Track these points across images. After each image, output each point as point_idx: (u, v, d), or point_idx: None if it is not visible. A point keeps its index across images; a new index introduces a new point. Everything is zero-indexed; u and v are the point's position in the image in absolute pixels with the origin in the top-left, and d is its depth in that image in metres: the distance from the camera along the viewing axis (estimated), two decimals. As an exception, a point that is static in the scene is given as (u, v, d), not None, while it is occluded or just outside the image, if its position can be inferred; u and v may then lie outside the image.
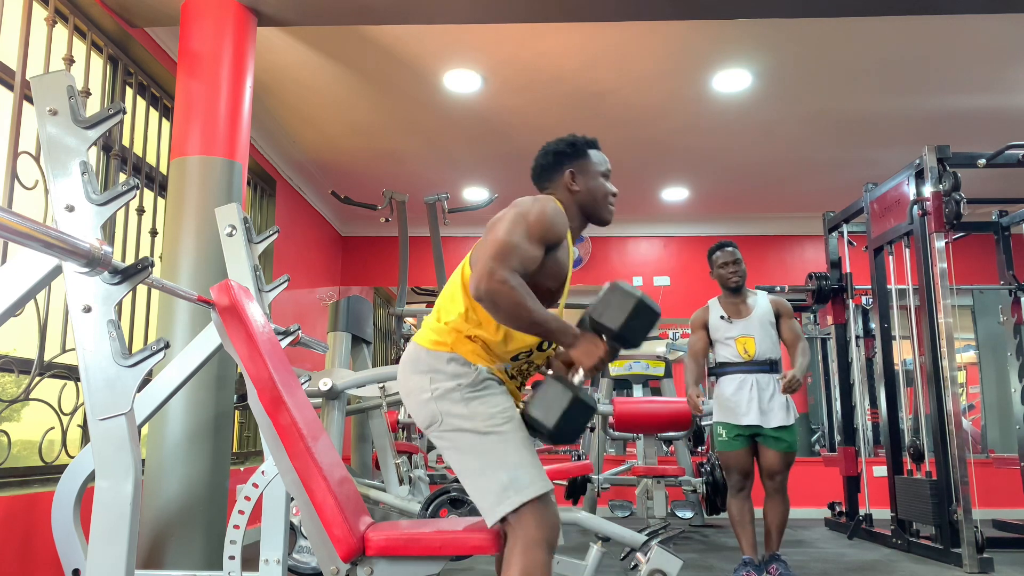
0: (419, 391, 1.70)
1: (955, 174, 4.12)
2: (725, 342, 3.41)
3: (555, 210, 1.74)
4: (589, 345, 1.69)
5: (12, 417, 2.88)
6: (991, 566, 3.76)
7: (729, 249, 3.46)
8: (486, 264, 1.61)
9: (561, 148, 1.87)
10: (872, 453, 5.64)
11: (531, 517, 1.59)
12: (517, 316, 1.62)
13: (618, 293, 1.69)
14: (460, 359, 1.69)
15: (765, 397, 3.30)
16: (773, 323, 3.40)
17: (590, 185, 1.86)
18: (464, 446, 1.65)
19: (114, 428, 1.53)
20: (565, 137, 1.89)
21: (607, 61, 4.07)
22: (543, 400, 1.67)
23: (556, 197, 1.84)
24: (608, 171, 1.91)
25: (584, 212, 1.88)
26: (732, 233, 6.90)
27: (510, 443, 1.65)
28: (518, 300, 1.60)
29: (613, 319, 1.67)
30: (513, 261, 1.62)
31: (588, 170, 1.86)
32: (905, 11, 3.46)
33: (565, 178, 1.85)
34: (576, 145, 1.87)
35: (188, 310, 2.97)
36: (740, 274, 3.42)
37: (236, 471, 4.29)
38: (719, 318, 3.45)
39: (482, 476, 1.62)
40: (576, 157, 1.86)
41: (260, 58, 3.95)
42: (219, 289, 1.73)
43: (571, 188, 1.85)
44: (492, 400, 1.68)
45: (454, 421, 1.65)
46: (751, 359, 3.34)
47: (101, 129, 1.65)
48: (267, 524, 2.49)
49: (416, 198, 4.98)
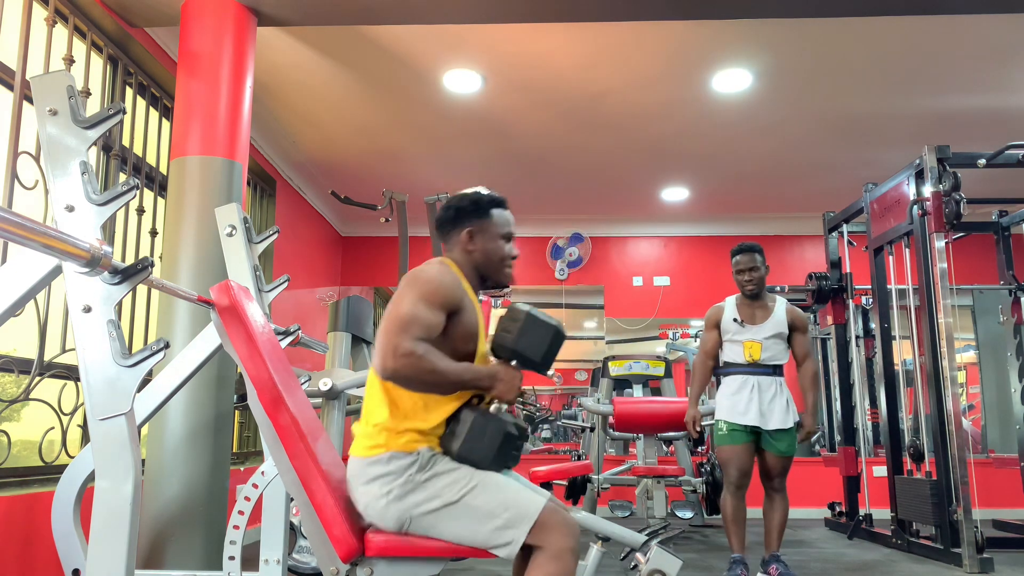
0: (375, 500, 1.64)
1: (955, 174, 4.12)
2: (733, 342, 3.42)
3: (443, 272, 1.72)
4: (508, 380, 1.70)
5: (12, 417, 2.88)
6: (991, 566, 3.76)
7: (748, 255, 3.42)
8: (388, 342, 1.60)
9: (464, 205, 1.84)
10: (872, 453, 5.64)
11: (548, 530, 1.59)
12: (433, 383, 1.63)
13: (536, 323, 1.72)
14: (399, 454, 1.65)
15: (766, 399, 3.31)
16: (785, 334, 3.40)
17: (487, 247, 1.84)
18: (448, 520, 1.62)
19: (114, 428, 1.53)
20: (471, 193, 1.87)
21: (607, 61, 4.06)
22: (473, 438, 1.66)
23: (452, 256, 1.84)
24: (510, 233, 1.88)
25: (479, 273, 1.86)
26: (732, 233, 6.90)
27: (488, 490, 1.63)
28: (428, 367, 1.60)
29: (536, 350, 1.71)
30: (415, 330, 1.61)
31: (487, 231, 1.84)
32: (905, 11, 3.46)
33: (463, 237, 1.83)
34: (480, 204, 1.85)
35: (188, 310, 2.97)
36: (756, 281, 3.40)
37: (236, 471, 4.29)
38: (732, 320, 3.45)
39: (481, 531, 1.61)
40: (477, 216, 1.84)
41: (260, 58, 3.94)
42: (219, 289, 1.73)
43: (467, 248, 1.83)
44: (447, 470, 1.66)
45: (423, 508, 1.62)
46: (755, 363, 3.36)
47: (101, 129, 1.65)
48: (267, 524, 2.49)
49: (416, 198, 4.98)
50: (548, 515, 1.60)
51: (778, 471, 3.32)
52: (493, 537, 1.60)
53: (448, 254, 1.86)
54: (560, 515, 1.62)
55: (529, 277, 6.97)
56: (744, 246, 3.46)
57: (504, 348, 1.74)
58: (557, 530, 1.59)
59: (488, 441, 1.65)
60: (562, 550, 1.59)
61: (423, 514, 1.62)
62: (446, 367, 1.63)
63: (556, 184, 6.04)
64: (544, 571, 1.57)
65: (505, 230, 1.87)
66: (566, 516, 1.64)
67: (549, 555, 1.58)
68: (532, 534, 1.59)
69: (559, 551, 1.58)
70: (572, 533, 1.61)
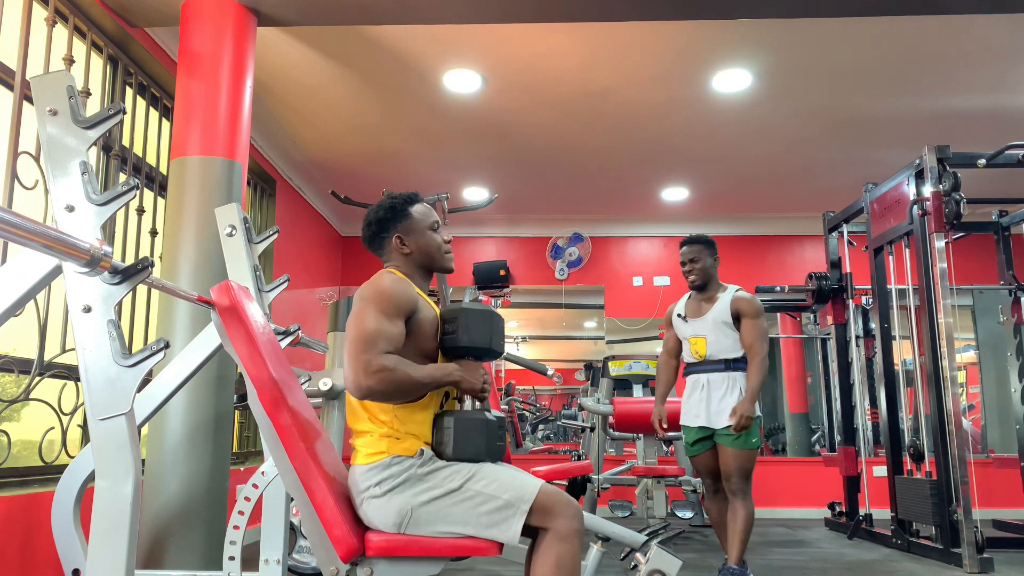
0: (375, 499, 1.66)
1: (955, 174, 4.12)
2: (684, 342, 3.33)
3: (392, 280, 1.75)
4: (472, 374, 1.75)
5: (12, 417, 2.88)
6: (991, 566, 3.76)
7: (690, 247, 3.31)
8: (358, 361, 1.61)
9: (381, 215, 1.88)
10: (872, 453, 5.64)
11: (553, 513, 1.63)
12: (409, 391, 1.67)
13: (471, 315, 1.77)
14: (400, 457, 1.68)
15: (716, 397, 3.16)
16: (730, 323, 3.19)
17: (420, 243, 1.88)
18: (450, 507, 1.64)
19: (114, 428, 1.53)
20: (383, 201, 1.90)
21: (607, 61, 4.07)
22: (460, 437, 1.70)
23: (393, 264, 1.88)
24: (436, 222, 1.91)
25: (423, 269, 1.90)
26: (732, 233, 6.90)
27: (488, 475, 1.68)
28: (402, 378, 1.63)
29: (481, 338, 1.77)
30: (381, 345, 1.64)
31: (415, 228, 1.88)
32: (905, 11, 3.46)
33: (394, 243, 1.87)
34: (395, 208, 1.88)
35: (188, 310, 2.97)
36: (698, 272, 3.26)
37: (236, 471, 4.29)
38: (677, 315, 3.37)
39: (484, 515, 1.63)
40: (398, 219, 1.88)
41: (260, 58, 3.95)
42: (219, 289, 1.73)
43: (402, 251, 1.87)
44: (447, 464, 1.69)
45: (424, 497, 1.64)
46: (703, 360, 3.23)
47: (101, 129, 1.64)
48: (267, 524, 2.49)
49: (416, 198, 4.99)
50: (550, 497, 1.65)
51: (734, 469, 3.09)
52: (496, 519, 1.62)
53: (389, 264, 1.90)
54: (563, 496, 1.67)
55: (529, 277, 6.98)
56: (688, 238, 3.34)
57: (455, 348, 1.79)
58: (562, 513, 1.64)
59: (475, 435, 1.71)
60: (569, 531, 1.63)
61: (425, 503, 1.64)
62: (417, 373, 1.67)
63: (556, 184, 6.04)
64: (552, 552, 1.61)
65: (430, 221, 1.91)
66: (569, 498, 1.67)
67: (556, 537, 1.63)
68: (537, 516, 1.63)
69: (566, 532, 1.63)
70: (577, 515, 1.66)
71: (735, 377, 3.16)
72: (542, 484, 1.67)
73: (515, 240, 7.04)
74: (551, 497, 1.65)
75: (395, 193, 1.93)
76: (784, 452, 7.00)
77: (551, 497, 1.65)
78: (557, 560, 1.61)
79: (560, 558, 1.61)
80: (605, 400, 5.39)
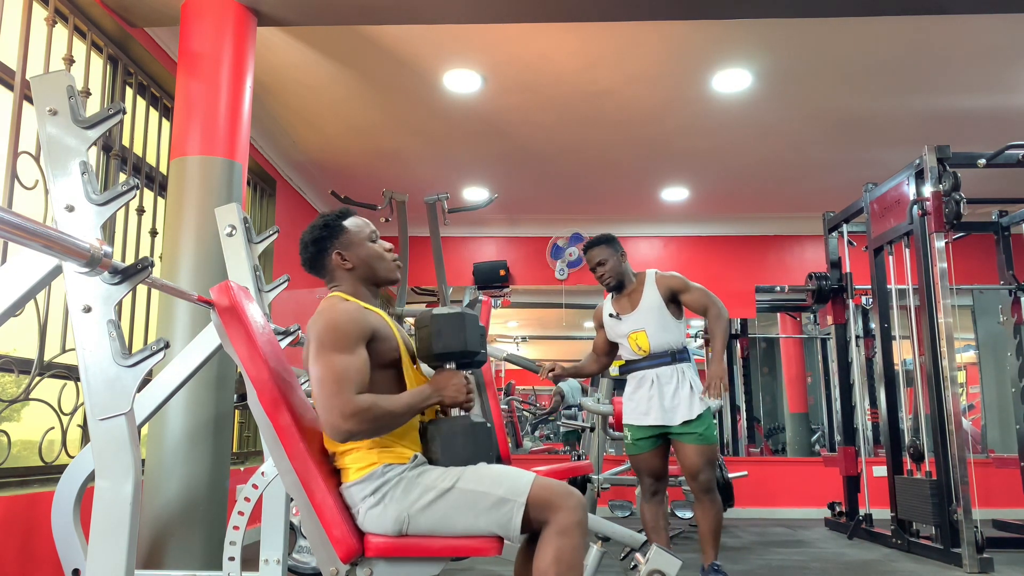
0: (372, 508, 1.64)
1: (955, 174, 4.12)
2: (620, 341, 3.15)
3: (341, 310, 1.70)
4: (448, 386, 1.71)
5: (12, 417, 2.88)
6: (991, 566, 3.76)
7: (590, 252, 3.19)
8: (332, 407, 1.58)
9: (317, 235, 1.83)
10: (872, 453, 5.65)
11: (553, 507, 1.59)
12: (389, 425, 1.65)
13: (442, 320, 1.73)
14: (392, 464, 1.67)
15: (667, 392, 3.01)
16: (665, 306, 3.08)
17: (361, 255, 1.83)
18: (446, 509, 1.62)
19: (114, 428, 1.53)
20: (316, 222, 1.86)
21: (607, 61, 4.06)
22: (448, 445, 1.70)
23: (338, 287, 1.83)
24: (374, 232, 1.88)
25: (369, 282, 1.86)
26: (732, 233, 6.90)
27: (479, 471, 1.66)
28: (380, 415, 1.61)
29: (456, 342, 1.72)
30: (351, 384, 1.60)
31: (353, 242, 1.84)
32: (905, 11, 3.46)
33: (335, 261, 1.82)
34: (329, 226, 1.84)
35: (188, 310, 2.97)
36: (611, 273, 3.15)
37: (236, 471, 4.29)
38: (609, 316, 3.19)
39: (481, 512, 1.61)
40: (335, 236, 1.83)
41: (260, 58, 3.94)
42: (219, 290, 1.73)
43: (345, 268, 1.83)
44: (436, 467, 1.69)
45: (420, 503, 1.62)
46: (648, 354, 3.07)
47: (101, 129, 1.64)
48: (267, 524, 2.49)
49: (416, 198, 4.98)
50: (548, 489, 1.61)
51: (700, 464, 2.96)
52: (493, 515, 1.60)
53: (335, 287, 1.84)
54: (561, 488, 1.62)
55: (529, 277, 6.97)
56: (587, 242, 3.22)
57: (431, 356, 1.76)
58: (562, 505, 1.60)
59: (462, 440, 1.70)
60: (569, 524, 1.58)
61: (421, 509, 1.62)
62: (394, 406, 1.64)
63: (556, 184, 6.04)
64: (552, 546, 1.57)
65: (367, 231, 1.87)
66: (568, 489, 1.63)
67: (555, 530, 1.58)
68: (535, 510, 1.59)
69: (566, 525, 1.58)
70: (577, 506, 1.61)
71: (682, 369, 3.04)
72: (536, 476, 1.64)
73: (515, 240, 7.04)
74: (548, 489, 1.61)
75: (326, 212, 1.88)
76: (784, 452, 7.01)
77: (548, 489, 1.61)
78: (556, 555, 1.56)
79: (559, 552, 1.56)
80: (605, 400, 5.39)
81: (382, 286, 1.89)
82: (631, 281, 3.20)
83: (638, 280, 3.19)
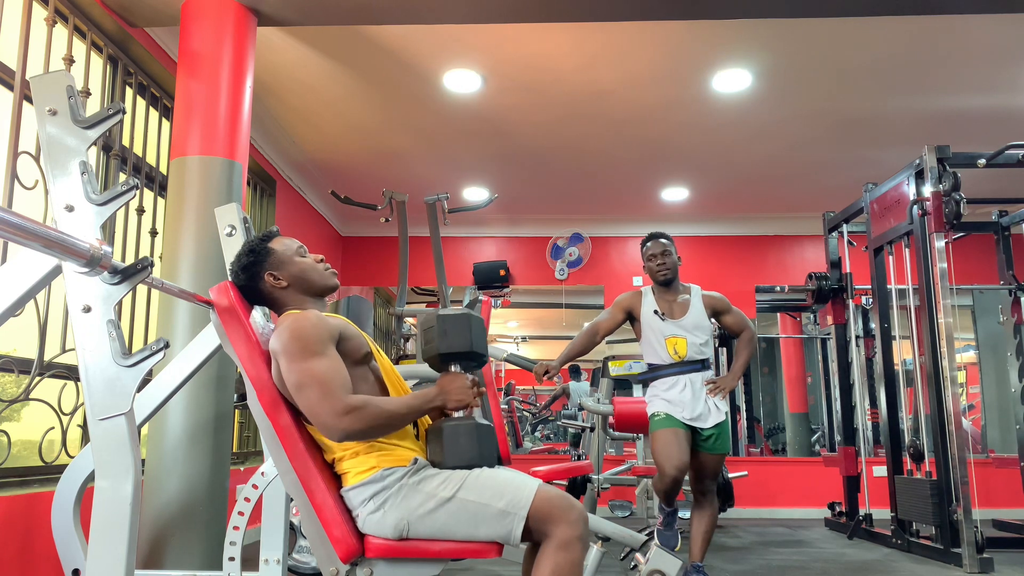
0: (372, 514, 1.63)
1: (955, 174, 4.12)
2: (656, 339, 3.22)
3: (299, 319, 1.67)
4: (454, 388, 1.69)
5: (12, 417, 2.88)
6: (991, 566, 3.76)
7: (660, 240, 3.28)
8: (324, 408, 1.56)
9: (245, 262, 1.80)
10: (872, 453, 5.65)
11: (553, 519, 1.57)
12: (388, 424, 1.62)
13: (447, 320, 1.72)
14: (391, 468, 1.65)
15: (701, 397, 3.14)
16: (707, 324, 3.24)
17: (293, 271, 1.81)
18: (446, 518, 1.60)
19: (114, 428, 1.53)
20: (240, 250, 1.83)
21: (607, 61, 4.06)
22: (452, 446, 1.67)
23: (285, 306, 1.81)
24: (300, 247, 1.86)
25: (309, 295, 1.83)
26: (732, 233, 6.91)
27: (482, 480, 1.63)
28: (376, 412, 1.58)
29: (461, 343, 1.71)
30: (336, 387, 1.58)
31: (281, 260, 1.81)
32: (905, 11, 3.46)
33: (269, 283, 1.80)
34: (255, 251, 1.81)
35: (188, 310, 2.97)
36: (669, 266, 3.24)
37: (236, 471, 4.30)
38: (652, 312, 3.25)
39: (481, 522, 1.59)
40: (263, 259, 1.80)
41: (260, 58, 3.94)
42: (218, 290, 1.73)
43: (281, 286, 1.80)
44: (438, 472, 1.66)
45: (420, 511, 1.61)
46: (681, 360, 3.18)
47: (101, 129, 1.64)
48: (267, 524, 2.49)
49: (416, 198, 4.98)
50: (549, 502, 1.58)
51: (712, 472, 3.16)
52: (493, 526, 1.58)
53: (282, 311, 1.81)
54: (564, 500, 1.60)
55: (529, 277, 6.98)
56: (654, 234, 3.33)
57: (436, 357, 1.74)
58: (563, 518, 1.57)
59: (466, 442, 1.67)
60: (569, 539, 1.56)
61: (421, 516, 1.60)
62: (394, 406, 1.62)
63: (556, 184, 6.04)
64: (552, 561, 1.55)
65: (294, 247, 1.85)
66: (571, 501, 1.61)
67: (555, 545, 1.56)
68: (535, 523, 1.57)
69: (566, 540, 1.56)
70: (578, 520, 1.58)
71: (707, 376, 3.23)
72: (539, 487, 1.61)
73: (515, 240, 7.04)
74: (550, 502, 1.58)
75: (251, 238, 1.86)
76: (784, 452, 7.00)
77: (550, 502, 1.58)
78: (553, 570, 1.54)
79: (558, 567, 1.54)
80: (605, 400, 5.39)
81: (323, 295, 1.86)
82: (678, 285, 3.31)
83: (684, 288, 3.33)
